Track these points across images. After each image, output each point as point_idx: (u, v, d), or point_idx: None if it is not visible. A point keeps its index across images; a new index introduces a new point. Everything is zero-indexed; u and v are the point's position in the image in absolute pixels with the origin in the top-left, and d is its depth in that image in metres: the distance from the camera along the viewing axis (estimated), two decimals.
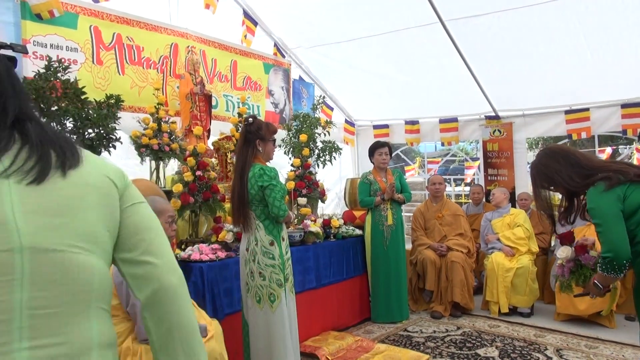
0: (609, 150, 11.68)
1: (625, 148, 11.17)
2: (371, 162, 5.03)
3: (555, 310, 4.67)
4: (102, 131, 3.60)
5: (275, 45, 6.42)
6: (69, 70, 3.61)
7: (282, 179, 3.58)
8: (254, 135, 3.04)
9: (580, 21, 4.79)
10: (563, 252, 2.44)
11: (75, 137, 3.55)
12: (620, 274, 2.09)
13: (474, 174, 9.94)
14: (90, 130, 3.58)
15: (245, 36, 5.92)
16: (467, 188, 8.89)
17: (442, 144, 7.55)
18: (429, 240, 5.19)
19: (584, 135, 5.96)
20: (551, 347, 3.97)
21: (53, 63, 3.51)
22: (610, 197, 2.11)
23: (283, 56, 6.52)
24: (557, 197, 2.63)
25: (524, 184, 6.55)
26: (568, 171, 2.29)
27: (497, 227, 5.19)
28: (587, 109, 5.86)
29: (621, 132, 5.76)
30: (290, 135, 5.38)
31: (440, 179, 5.53)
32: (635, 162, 12.56)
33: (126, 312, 2.33)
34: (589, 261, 2.35)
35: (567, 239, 2.52)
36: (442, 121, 7.05)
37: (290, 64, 6.62)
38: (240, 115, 4.99)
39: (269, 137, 3.12)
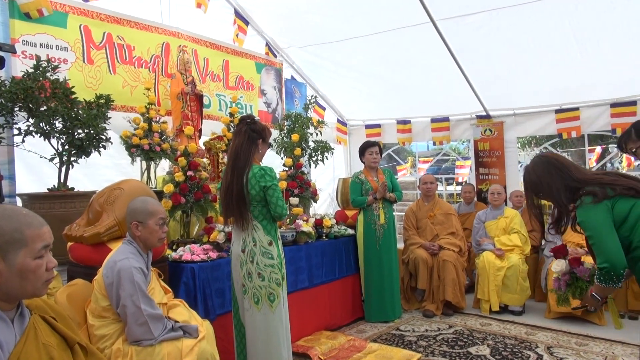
0: (598, 149, 11.79)
1: (615, 147, 11.28)
2: (362, 162, 5.04)
3: (548, 308, 4.70)
4: (92, 131, 3.58)
5: (267, 44, 6.41)
6: (58, 69, 3.58)
7: None
8: (258, 135, 3.02)
9: (570, 21, 4.83)
10: (558, 266, 2.47)
11: (64, 137, 3.52)
12: (619, 283, 2.11)
13: (468, 173, 10.00)
14: (80, 131, 3.56)
15: (237, 35, 5.91)
16: (459, 187, 8.92)
17: (434, 144, 7.58)
18: (421, 239, 5.20)
19: (574, 134, 6.01)
20: (542, 344, 4.00)
21: (42, 63, 3.48)
22: (600, 208, 2.15)
23: (275, 56, 6.52)
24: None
25: (515, 183, 6.59)
26: (557, 184, 2.31)
27: (492, 231, 5.19)
28: (577, 109, 5.91)
29: (611, 131, 5.80)
30: (283, 135, 5.37)
31: (432, 178, 5.55)
32: (624, 161, 12.69)
33: (116, 314, 2.32)
34: (584, 273, 2.39)
35: (560, 252, 2.56)
36: (433, 121, 7.08)
37: (282, 64, 6.61)
38: (232, 115, 4.98)
39: (268, 139, 3.15)
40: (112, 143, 3.81)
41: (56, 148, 3.56)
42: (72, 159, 3.60)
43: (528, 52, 5.40)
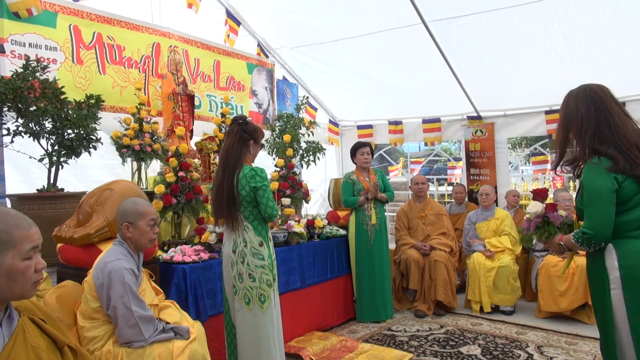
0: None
1: None
2: (353, 162, 5.05)
3: (538, 308, 4.74)
4: (82, 132, 3.55)
5: (259, 45, 6.41)
6: (47, 69, 3.55)
7: None
8: (249, 136, 3.02)
9: (559, 23, 4.87)
10: (533, 207, 2.46)
11: (54, 137, 3.49)
12: (590, 249, 2.10)
13: (461, 174, 10.04)
14: (70, 131, 3.53)
15: (229, 36, 5.90)
16: (450, 188, 8.96)
17: (425, 144, 7.61)
18: (413, 239, 5.22)
19: None
20: (532, 344, 4.03)
21: (31, 62, 3.45)
22: (609, 179, 2.03)
23: (267, 56, 6.51)
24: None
25: (505, 184, 6.64)
26: (591, 127, 2.12)
27: (483, 232, 5.22)
28: None
29: None
30: (274, 135, 5.36)
31: (424, 179, 5.57)
32: None
33: (107, 315, 2.30)
34: (557, 220, 2.38)
35: (540, 195, 2.56)
36: (425, 121, 7.11)
37: (274, 64, 6.61)
38: (223, 115, 4.97)
39: (261, 140, 3.15)
40: (102, 143, 3.79)
41: (46, 148, 3.53)
42: (61, 159, 3.57)
43: (518, 54, 5.44)
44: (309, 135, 5.45)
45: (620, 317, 2.01)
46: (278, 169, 4.93)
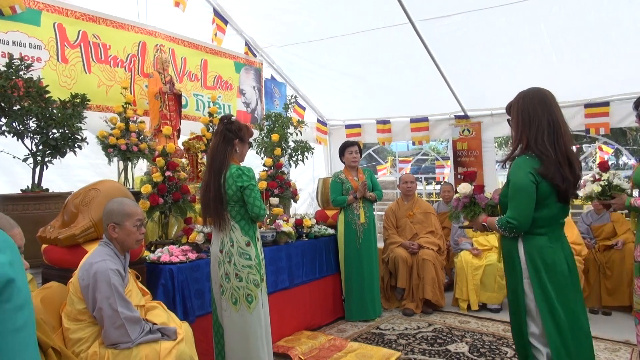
0: (572, 149, 11.99)
1: (589, 147, 11.54)
2: (342, 161, 5.05)
3: None
4: (67, 131, 3.51)
5: (247, 44, 6.38)
6: (31, 68, 3.51)
7: None
8: (234, 135, 3.00)
9: (545, 23, 4.92)
10: (463, 188, 2.68)
11: (38, 137, 3.45)
12: (510, 235, 2.35)
13: (449, 173, 10.09)
14: (54, 131, 3.49)
15: (216, 34, 5.87)
16: (438, 186, 9.02)
17: (413, 143, 7.64)
18: (401, 238, 5.24)
19: None
20: None
21: (15, 61, 3.40)
22: (532, 177, 2.25)
23: (254, 55, 6.48)
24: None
25: (493, 183, 6.69)
26: (532, 127, 2.30)
27: (470, 231, 5.26)
28: None
29: (584, 131, 5.93)
30: (262, 134, 5.35)
31: (412, 178, 5.59)
32: (597, 160, 12.97)
33: (92, 317, 2.28)
34: (482, 201, 2.61)
35: (470, 177, 2.77)
36: (412, 121, 7.14)
37: (261, 64, 6.59)
38: (211, 114, 4.94)
39: (247, 139, 3.10)
40: (87, 143, 3.75)
41: (30, 148, 3.48)
42: (46, 159, 3.53)
43: (505, 54, 5.49)
44: (297, 134, 5.45)
45: (530, 303, 2.32)
46: (266, 169, 4.92)
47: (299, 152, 5.37)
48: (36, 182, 3.51)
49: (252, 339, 2.89)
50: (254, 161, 5.07)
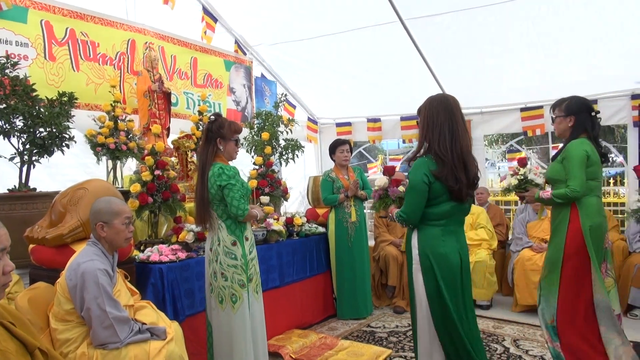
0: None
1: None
2: (332, 160, 5.05)
3: (515, 302, 4.82)
4: (54, 130, 3.47)
5: (237, 42, 6.35)
6: (18, 66, 3.46)
7: (244, 178, 3.52)
8: (215, 134, 2.99)
9: (534, 22, 4.95)
10: (380, 181, 2.93)
11: (25, 136, 3.41)
12: (404, 226, 2.67)
13: None
14: (41, 129, 3.45)
15: (205, 32, 5.83)
16: None
17: (404, 142, 7.64)
18: (391, 236, 5.25)
19: (538, 132, 6.17)
20: (509, 337, 4.10)
21: (1, 59, 3.36)
22: (426, 177, 2.47)
23: (244, 53, 6.45)
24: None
25: (482, 180, 6.70)
26: (434, 131, 2.52)
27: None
28: (541, 107, 6.05)
29: None
30: (253, 133, 5.33)
31: (402, 176, 5.59)
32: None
33: (80, 317, 2.26)
34: (394, 194, 2.88)
35: (389, 171, 3.02)
36: (403, 119, 7.14)
37: (251, 62, 6.56)
38: (200, 113, 4.91)
39: (231, 136, 3.02)
40: (75, 142, 3.71)
41: (16, 147, 3.44)
42: (33, 158, 3.49)
43: (494, 52, 5.51)
44: (287, 132, 5.43)
45: (419, 289, 2.55)
46: (257, 167, 4.90)
47: (289, 151, 5.35)
48: (23, 181, 3.47)
49: (236, 339, 2.89)
50: (244, 159, 5.05)
